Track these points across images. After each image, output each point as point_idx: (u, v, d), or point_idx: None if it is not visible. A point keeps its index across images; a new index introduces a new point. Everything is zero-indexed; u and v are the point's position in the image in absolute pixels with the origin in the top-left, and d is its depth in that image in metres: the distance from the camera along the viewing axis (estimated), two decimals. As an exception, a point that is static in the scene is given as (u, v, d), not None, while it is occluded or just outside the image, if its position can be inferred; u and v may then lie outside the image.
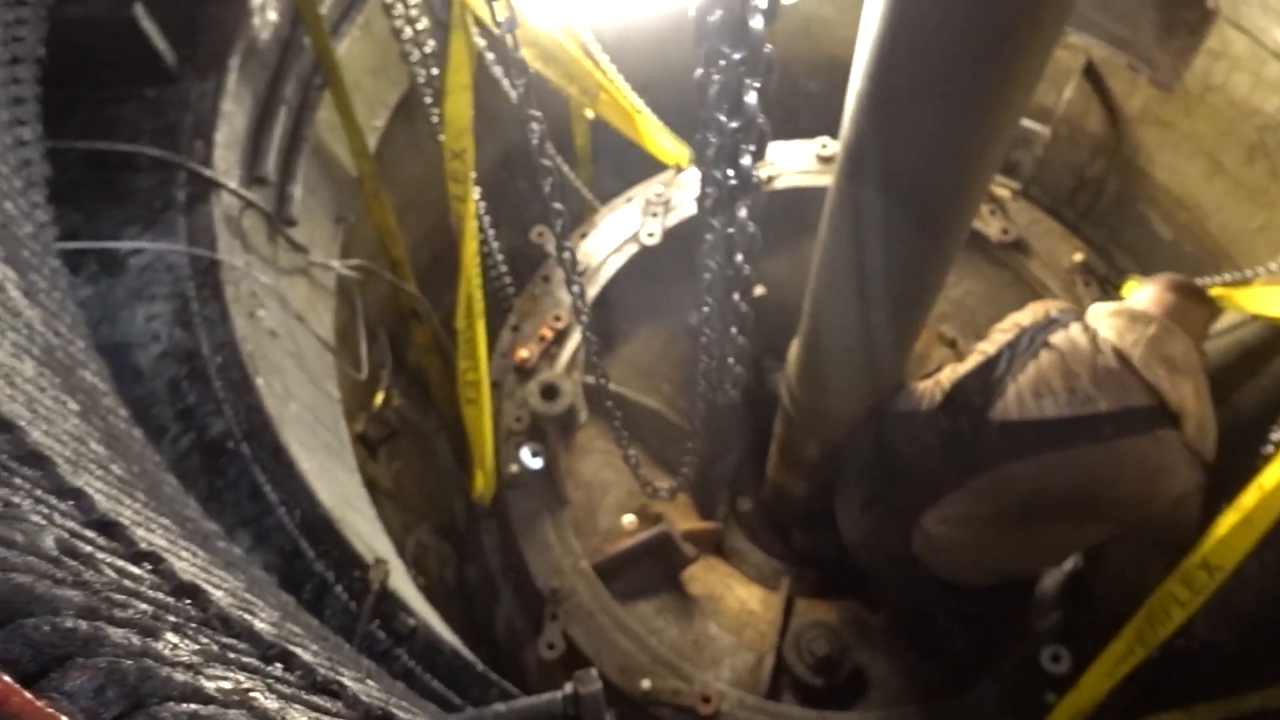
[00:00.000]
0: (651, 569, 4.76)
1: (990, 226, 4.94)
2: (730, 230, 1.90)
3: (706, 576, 4.91)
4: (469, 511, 5.41)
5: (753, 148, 1.74)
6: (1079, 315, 3.90)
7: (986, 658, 4.22)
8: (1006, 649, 4.14)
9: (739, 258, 1.94)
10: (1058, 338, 3.75)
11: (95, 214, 3.48)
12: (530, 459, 4.77)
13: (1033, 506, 3.67)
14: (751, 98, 1.63)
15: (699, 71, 1.75)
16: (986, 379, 3.82)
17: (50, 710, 0.64)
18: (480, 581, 5.29)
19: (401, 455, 5.65)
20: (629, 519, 4.86)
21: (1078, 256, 4.91)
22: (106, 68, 3.60)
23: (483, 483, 4.68)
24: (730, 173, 1.82)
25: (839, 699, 4.44)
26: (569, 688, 1.91)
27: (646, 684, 4.13)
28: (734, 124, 1.72)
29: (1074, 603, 3.72)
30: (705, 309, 2.00)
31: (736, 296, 1.82)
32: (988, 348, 3.95)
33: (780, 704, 4.26)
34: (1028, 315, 3.99)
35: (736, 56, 1.62)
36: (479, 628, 5.00)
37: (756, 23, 1.55)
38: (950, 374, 3.99)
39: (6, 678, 0.64)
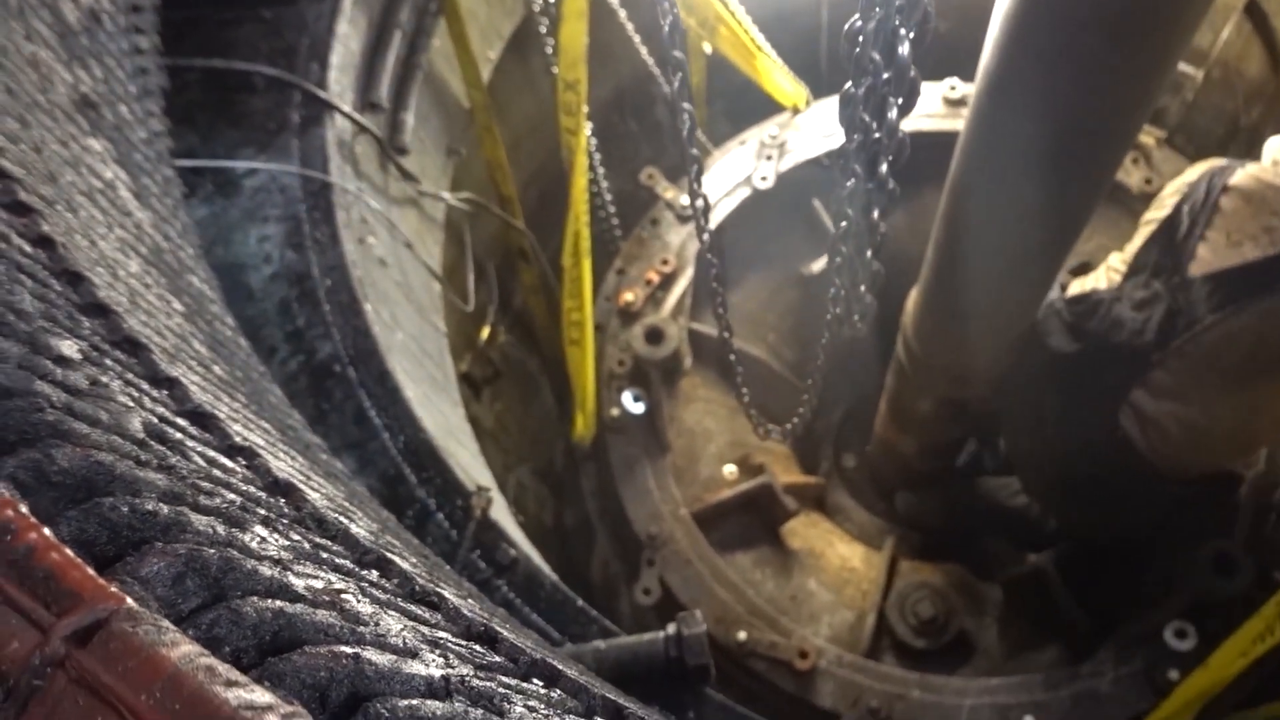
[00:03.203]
0: (751, 521, 4.66)
1: (1132, 176, 4.62)
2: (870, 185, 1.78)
3: (807, 531, 4.79)
4: (568, 456, 5.38)
5: (900, 100, 1.60)
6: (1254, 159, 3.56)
7: (1104, 632, 4.01)
8: (1127, 622, 3.93)
9: (875, 214, 1.82)
10: (1237, 178, 3.44)
11: (212, 135, 3.50)
12: (632, 403, 4.70)
13: (1259, 362, 3.33)
14: (905, 48, 1.50)
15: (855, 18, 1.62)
16: (1172, 239, 3.48)
17: (115, 591, 0.56)
18: (577, 525, 5.28)
19: (504, 397, 5.64)
20: (730, 469, 4.76)
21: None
22: (226, -13, 3.60)
23: (583, 425, 4.63)
24: (874, 125, 1.68)
25: (941, 663, 4.29)
26: (672, 628, 1.83)
27: (742, 635, 4.05)
28: (884, 74, 1.58)
29: (1215, 576, 3.47)
30: (841, 225, 1.86)
31: (876, 215, 1.69)
32: (1159, 213, 3.63)
33: (880, 663, 4.13)
34: (1195, 173, 3.65)
35: (896, 2, 1.49)
36: (574, 571, 4.99)
37: None
38: (1121, 254, 3.70)
39: (69, 551, 0.57)
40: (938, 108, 4.98)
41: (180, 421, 0.98)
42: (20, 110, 1.59)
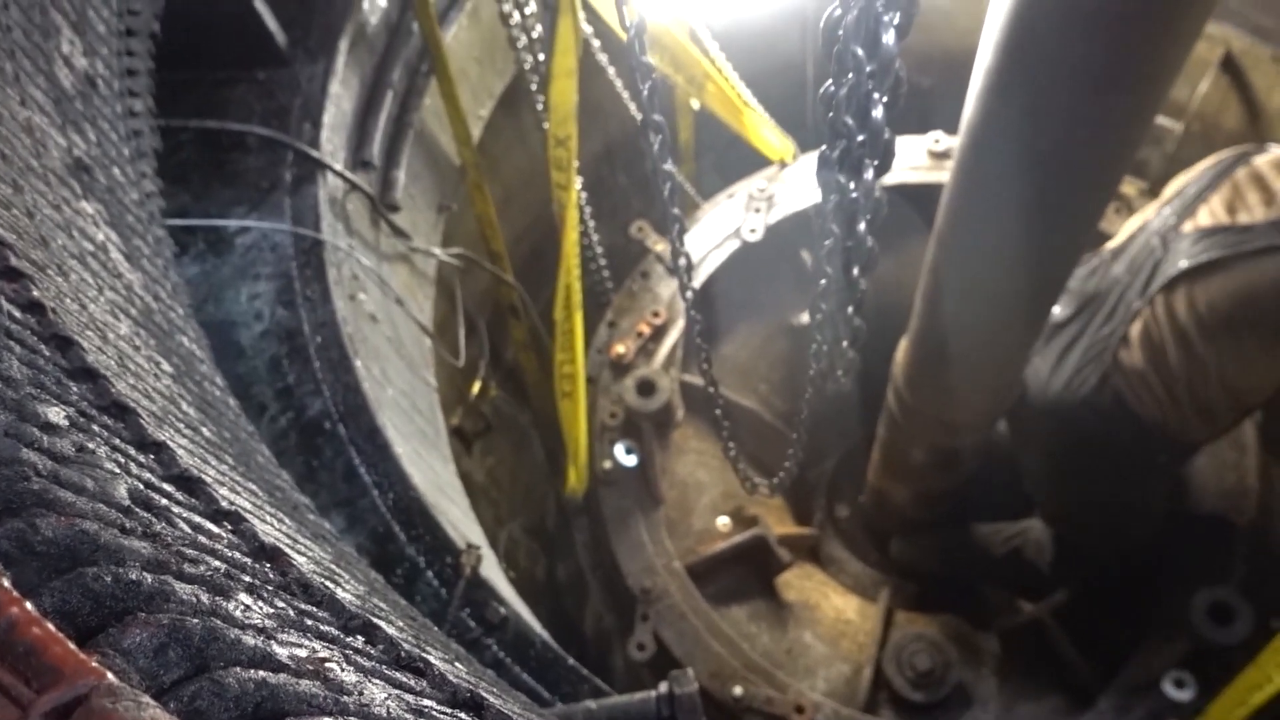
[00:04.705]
0: (745, 573, 4.64)
1: (1115, 227, 4.66)
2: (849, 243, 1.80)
3: (802, 583, 4.77)
4: (560, 510, 5.36)
5: (876, 162, 1.63)
6: None
7: (1103, 680, 3.98)
8: (1125, 672, 3.90)
9: (855, 270, 1.84)
10: (1262, 156, 3.53)
11: (205, 194, 3.53)
12: (624, 456, 4.69)
13: (1229, 318, 3.39)
14: (879, 112, 1.53)
15: (829, 83, 1.65)
16: (1181, 205, 3.62)
17: (95, 666, 0.56)
18: (570, 579, 5.24)
19: (495, 451, 5.63)
20: (724, 521, 4.74)
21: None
22: (221, 49, 3.65)
23: (575, 478, 4.61)
24: (851, 185, 1.71)
25: (939, 716, 4.25)
26: (664, 687, 1.81)
27: (738, 690, 4.00)
28: (859, 137, 1.61)
29: (1212, 624, 3.46)
30: (821, 282, 1.88)
31: (856, 272, 1.70)
32: (1187, 177, 3.72)
33: (878, 717, 4.09)
34: (1238, 149, 3.73)
35: (868, 68, 1.52)
36: (567, 626, 4.94)
37: (889, 38, 1.46)
38: (1134, 218, 3.77)
39: (50, 625, 0.57)
40: (922, 160, 5.05)
41: (166, 487, 0.98)
42: (14, 175, 1.60)
